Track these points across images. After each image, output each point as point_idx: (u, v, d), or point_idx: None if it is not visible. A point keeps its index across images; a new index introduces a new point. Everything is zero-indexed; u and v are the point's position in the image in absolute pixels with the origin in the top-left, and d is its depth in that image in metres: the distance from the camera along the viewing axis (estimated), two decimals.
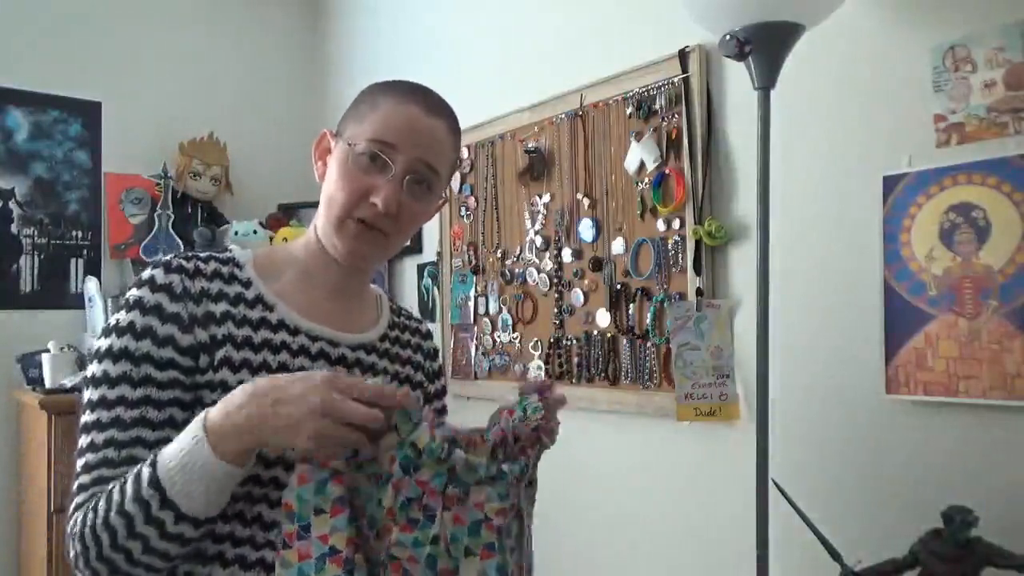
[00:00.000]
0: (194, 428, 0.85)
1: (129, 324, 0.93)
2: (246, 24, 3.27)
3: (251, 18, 3.29)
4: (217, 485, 0.84)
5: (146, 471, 0.85)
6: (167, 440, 0.88)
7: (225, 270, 1.00)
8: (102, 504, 0.86)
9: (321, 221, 1.04)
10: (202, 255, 1.01)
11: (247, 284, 1.01)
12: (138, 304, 0.94)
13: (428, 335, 1.23)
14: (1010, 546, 1.21)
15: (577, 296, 2.11)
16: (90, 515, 0.87)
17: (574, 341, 2.12)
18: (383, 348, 1.10)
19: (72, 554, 0.88)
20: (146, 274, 0.96)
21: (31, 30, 2.82)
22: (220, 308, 0.97)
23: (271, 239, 2.80)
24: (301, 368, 0.98)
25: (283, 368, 0.97)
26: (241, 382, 0.89)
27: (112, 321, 0.95)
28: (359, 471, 0.87)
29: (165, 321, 0.94)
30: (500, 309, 2.36)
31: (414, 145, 1.01)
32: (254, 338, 0.97)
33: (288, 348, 0.99)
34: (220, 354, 0.94)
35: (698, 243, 1.79)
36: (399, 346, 1.14)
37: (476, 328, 2.45)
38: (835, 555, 1.32)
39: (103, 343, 0.94)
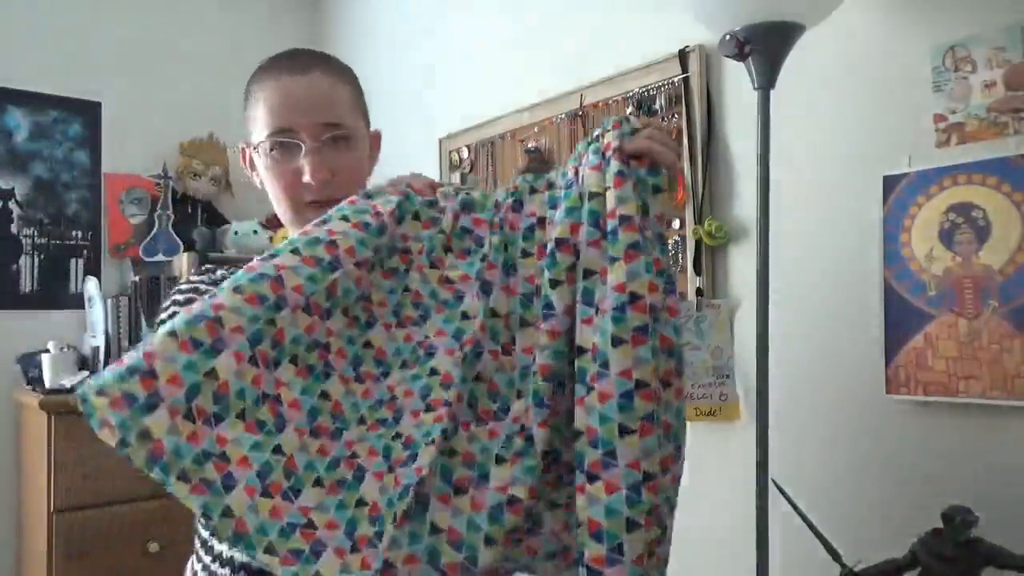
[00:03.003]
0: None
1: (171, 305, 1.06)
2: (246, 24, 3.27)
3: (251, 17, 3.29)
4: None
5: None
6: None
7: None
8: None
9: (282, 219, 1.10)
10: (216, 266, 1.13)
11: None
12: (179, 290, 1.07)
13: None
14: (1010, 546, 1.21)
15: None
16: None
17: None
18: None
19: None
20: (183, 281, 1.11)
21: (31, 30, 2.82)
22: None
23: (271, 239, 2.80)
24: None
25: None
26: None
27: (166, 304, 1.07)
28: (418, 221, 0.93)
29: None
30: None
31: (304, 115, 1.02)
32: None
33: None
34: None
35: (698, 243, 1.79)
36: None
37: None
38: (835, 555, 1.32)
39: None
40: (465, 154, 2.49)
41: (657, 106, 1.89)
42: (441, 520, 0.77)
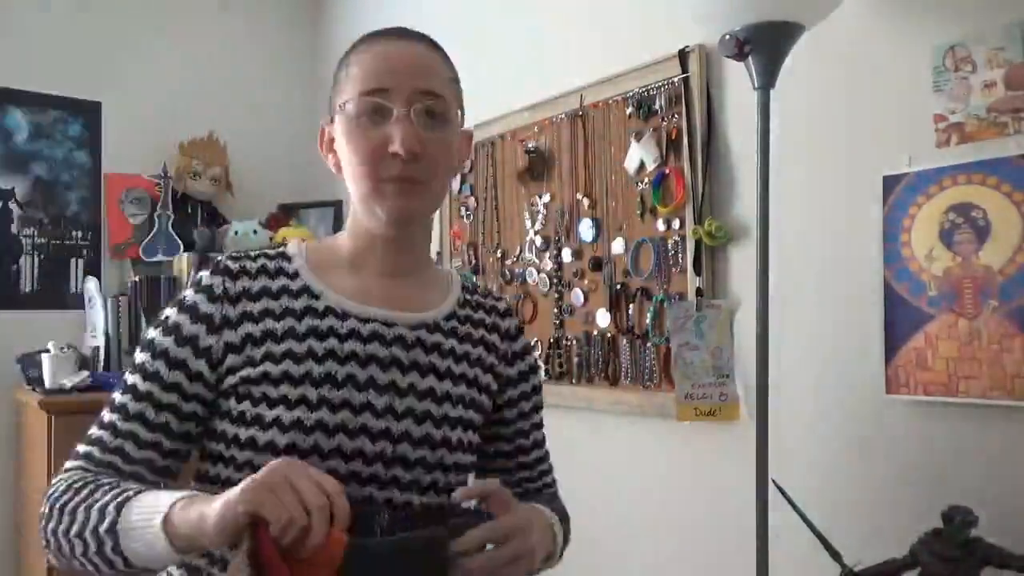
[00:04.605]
0: (165, 502, 0.84)
1: (165, 319, 0.98)
2: (246, 24, 3.27)
3: (251, 18, 3.29)
4: (162, 558, 0.84)
5: (110, 514, 0.85)
6: (158, 444, 0.94)
7: (272, 265, 1.01)
8: (73, 512, 0.88)
9: (356, 199, 1.00)
10: (253, 253, 1.02)
11: (294, 275, 1.00)
12: (180, 303, 0.98)
13: (508, 313, 1.15)
14: (1010, 546, 1.21)
15: (577, 296, 2.11)
16: (64, 499, 0.89)
17: (574, 341, 2.12)
18: (449, 327, 1.05)
19: (42, 510, 0.91)
20: (198, 275, 1.00)
21: (31, 30, 2.82)
22: (259, 306, 0.97)
23: (271, 239, 2.80)
24: (352, 352, 0.96)
25: (331, 354, 0.95)
26: (285, 372, 0.93)
27: (161, 315, 0.99)
28: None
29: (196, 321, 0.96)
30: None
31: (402, 77, 0.96)
32: (298, 328, 0.96)
33: (336, 333, 0.97)
34: (261, 351, 0.95)
35: (698, 243, 1.79)
36: (470, 325, 1.08)
37: None
38: (835, 555, 1.32)
39: (149, 334, 0.98)
40: None
41: (657, 106, 1.89)
42: None
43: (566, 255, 2.14)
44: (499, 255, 2.37)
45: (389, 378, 0.97)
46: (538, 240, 2.23)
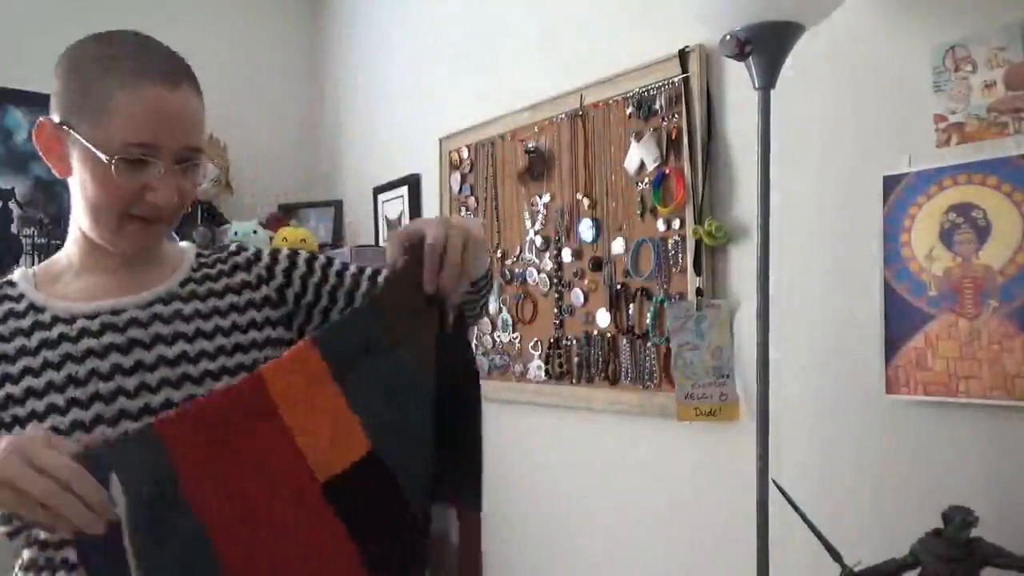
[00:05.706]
0: None
1: None
2: (245, 24, 3.27)
3: (250, 18, 3.29)
4: None
5: None
6: None
7: None
8: None
9: (88, 225, 1.00)
10: None
11: (18, 298, 1.02)
12: None
13: (241, 249, 1.15)
14: (1010, 546, 1.21)
15: (577, 296, 2.11)
16: None
17: (574, 341, 2.12)
18: (187, 291, 1.07)
19: None
20: None
21: (31, 30, 2.82)
22: None
23: (271, 239, 2.80)
24: (88, 350, 0.98)
25: (68, 358, 0.97)
26: (27, 388, 0.95)
27: None
28: None
29: None
30: (500, 309, 2.36)
31: (173, 135, 0.95)
32: (28, 344, 0.98)
33: (67, 338, 0.99)
34: None
35: (698, 243, 1.79)
36: (209, 281, 1.09)
37: (475, 328, 2.44)
38: (835, 555, 1.32)
39: None
40: (465, 154, 2.49)
41: (657, 106, 1.89)
42: None
43: (566, 255, 2.14)
44: (499, 255, 2.37)
45: (133, 359, 0.98)
46: (538, 240, 2.23)
